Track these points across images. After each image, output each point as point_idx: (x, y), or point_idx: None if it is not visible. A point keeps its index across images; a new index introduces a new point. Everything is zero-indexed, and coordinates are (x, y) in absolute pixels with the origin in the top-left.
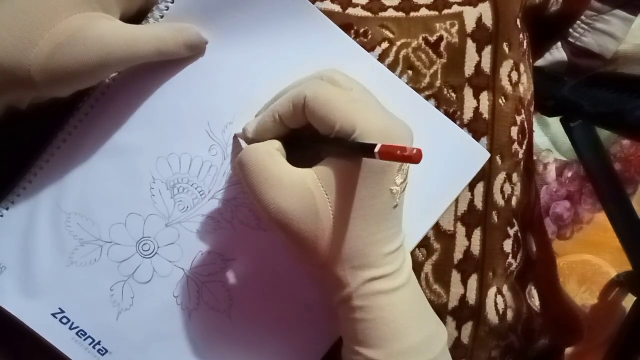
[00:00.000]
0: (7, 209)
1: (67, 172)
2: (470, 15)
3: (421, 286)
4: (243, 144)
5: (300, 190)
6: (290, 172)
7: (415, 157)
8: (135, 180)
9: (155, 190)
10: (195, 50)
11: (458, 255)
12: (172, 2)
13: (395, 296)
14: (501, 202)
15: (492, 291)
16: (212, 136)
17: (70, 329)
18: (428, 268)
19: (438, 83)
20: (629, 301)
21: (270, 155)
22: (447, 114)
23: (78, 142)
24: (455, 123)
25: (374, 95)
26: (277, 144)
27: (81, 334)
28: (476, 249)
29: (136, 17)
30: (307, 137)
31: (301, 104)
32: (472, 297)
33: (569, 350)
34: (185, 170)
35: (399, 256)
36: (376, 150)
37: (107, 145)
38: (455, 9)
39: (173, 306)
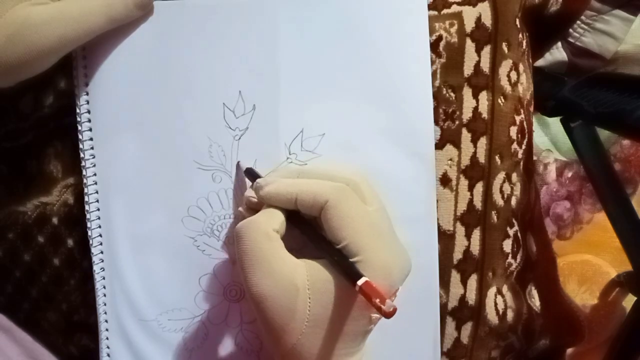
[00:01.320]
0: (109, 347)
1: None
2: (469, 15)
3: None
4: (248, 183)
5: (286, 284)
6: (283, 261)
7: (387, 314)
8: (181, 256)
9: (202, 246)
10: (145, 9)
11: (457, 255)
12: None
13: None
14: (500, 201)
15: (492, 291)
16: (204, 168)
17: None
18: None
19: (437, 82)
20: (629, 301)
21: (269, 239)
22: (445, 113)
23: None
24: (454, 123)
25: (388, 216)
26: (279, 219)
27: None
28: (475, 248)
29: None
30: (312, 229)
31: (320, 205)
32: (471, 297)
33: (569, 351)
34: (208, 213)
35: None
36: (358, 283)
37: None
38: (454, 8)
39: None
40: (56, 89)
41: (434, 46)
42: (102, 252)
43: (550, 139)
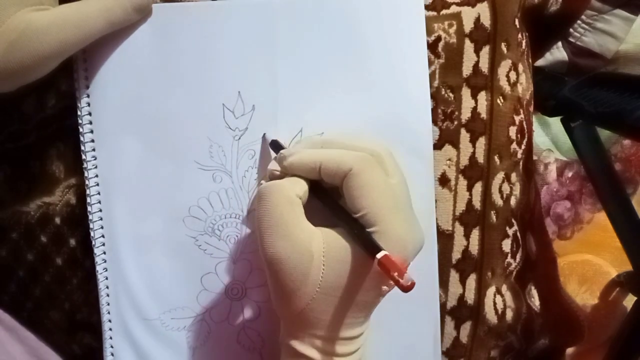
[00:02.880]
0: (112, 346)
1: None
2: (468, 15)
3: None
4: (272, 153)
5: (302, 249)
6: (301, 227)
7: (406, 287)
8: (183, 255)
9: (204, 245)
10: (144, 12)
11: (456, 254)
12: None
13: None
14: (499, 201)
15: (491, 291)
16: (205, 168)
17: None
18: None
19: (436, 83)
20: (629, 301)
21: (290, 204)
22: (444, 113)
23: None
24: (453, 123)
25: (408, 190)
26: (303, 187)
27: None
28: (474, 248)
29: None
30: (332, 198)
31: (343, 172)
32: (470, 297)
33: (569, 351)
34: (209, 213)
35: (357, 342)
36: (377, 256)
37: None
38: (454, 9)
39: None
40: (58, 90)
41: (433, 47)
42: (104, 253)
43: (550, 138)
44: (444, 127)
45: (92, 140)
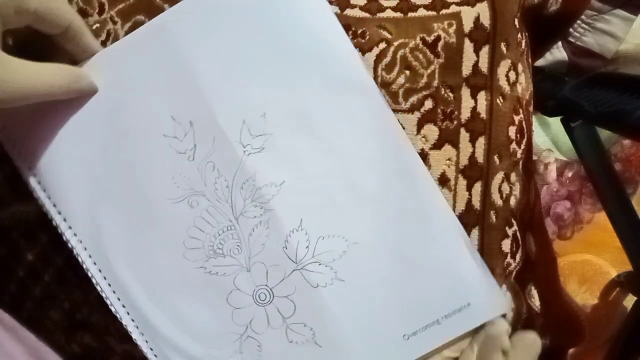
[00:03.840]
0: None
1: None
2: (468, 15)
3: None
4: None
5: None
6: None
7: None
8: (200, 288)
9: (214, 269)
10: (80, 93)
11: None
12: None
13: None
14: (499, 201)
15: None
16: (178, 200)
17: None
18: None
19: (435, 83)
20: (629, 301)
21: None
22: (444, 113)
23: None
24: (453, 123)
25: None
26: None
27: None
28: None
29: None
30: None
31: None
32: None
33: (569, 351)
34: (203, 238)
35: None
36: None
37: None
38: (453, 8)
39: None
40: None
41: (432, 46)
42: (133, 320)
43: (550, 138)
44: (443, 126)
45: (65, 220)
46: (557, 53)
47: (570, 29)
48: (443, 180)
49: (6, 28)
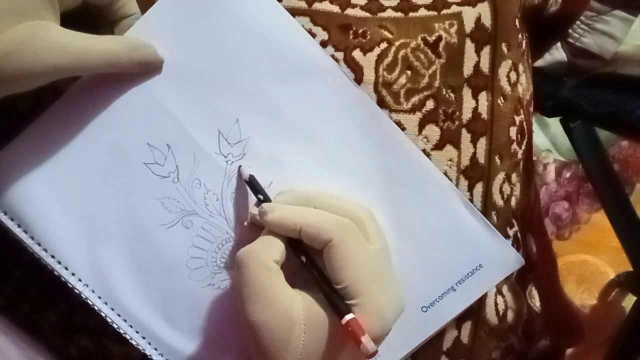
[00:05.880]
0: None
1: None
2: (469, 15)
3: None
4: (249, 190)
5: (283, 318)
6: (281, 294)
7: (368, 353)
8: (212, 307)
9: (221, 284)
10: (149, 68)
11: None
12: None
13: None
14: (500, 202)
15: (492, 291)
16: (172, 223)
17: None
18: None
19: (436, 83)
20: (629, 301)
21: (268, 271)
22: (445, 114)
23: None
24: (454, 123)
25: (389, 253)
26: (279, 249)
27: None
28: None
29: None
30: (311, 262)
31: (324, 241)
32: None
33: (568, 351)
34: (204, 256)
35: None
36: (346, 318)
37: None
38: (454, 9)
39: None
40: (55, 90)
41: (434, 46)
42: (150, 343)
43: (549, 139)
44: (444, 127)
45: (73, 274)
46: (557, 54)
47: (570, 30)
48: None
49: (64, 8)
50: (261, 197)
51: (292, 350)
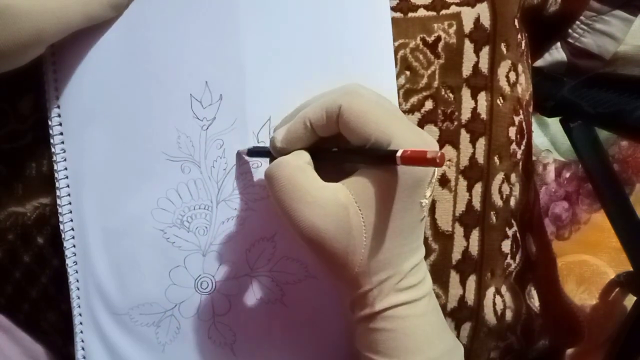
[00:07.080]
0: (83, 341)
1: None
2: (468, 16)
3: None
4: (247, 158)
5: (334, 207)
6: (322, 188)
7: (440, 161)
8: (151, 249)
9: (172, 237)
10: (119, 9)
11: (456, 255)
12: None
13: (417, 307)
14: (499, 202)
15: (490, 291)
16: (173, 159)
17: None
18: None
19: (435, 83)
20: (629, 301)
21: (302, 171)
22: (444, 114)
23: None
24: (453, 124)
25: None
26: (306, 157)
27: None
28: (474, 249)
29: None
30: (333, 148)
31: (335, 113)
32: (470, 298)
33: (568, 351)
34: (178, 204)
35: (422, 269)
36: (398, 154)
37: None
38: (453, 9)
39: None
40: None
41: (433, 47)
42: (74, 246)
43: (549, 139)
44: (443, 127)
45: (61, 133)
46: (556, 54)
47: (569, 30)
48: (443, 181)
49: None
50: (269, 149)
51: (357, 234)
